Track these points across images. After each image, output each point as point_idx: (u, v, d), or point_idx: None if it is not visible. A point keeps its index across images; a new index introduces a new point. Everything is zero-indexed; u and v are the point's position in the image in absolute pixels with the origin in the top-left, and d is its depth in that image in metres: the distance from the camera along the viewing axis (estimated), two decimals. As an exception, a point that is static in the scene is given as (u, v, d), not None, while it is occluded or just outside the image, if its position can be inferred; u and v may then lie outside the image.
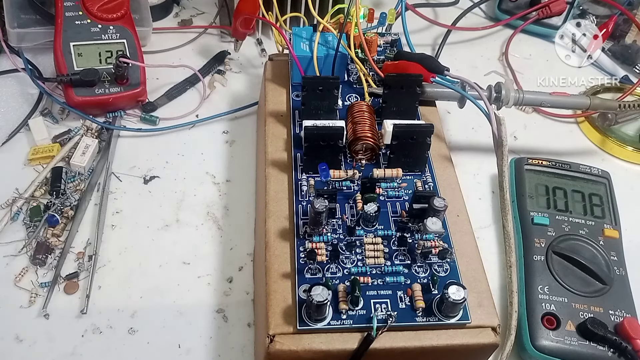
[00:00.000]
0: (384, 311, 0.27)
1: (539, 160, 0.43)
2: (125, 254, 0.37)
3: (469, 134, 0.48)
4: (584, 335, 0.34)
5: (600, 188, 0.42)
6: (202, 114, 0.47)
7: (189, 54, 0.52)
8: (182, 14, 0.57)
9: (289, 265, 0.29)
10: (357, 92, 0.39)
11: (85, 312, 0.34)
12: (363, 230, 0.30)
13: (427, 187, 0.33)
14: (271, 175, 0.34)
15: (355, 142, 0.34)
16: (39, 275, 0.36)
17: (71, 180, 0.40)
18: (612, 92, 0.53)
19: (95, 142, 0.42)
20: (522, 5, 0.58)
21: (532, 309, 0.35)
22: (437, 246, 0.29)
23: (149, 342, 0.34)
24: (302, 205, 0.32)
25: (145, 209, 0.40)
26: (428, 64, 0.38)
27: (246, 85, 0.50)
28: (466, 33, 0.57)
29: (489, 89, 0.39)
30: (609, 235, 0.39)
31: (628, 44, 0.56)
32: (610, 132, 0.49)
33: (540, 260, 0.37)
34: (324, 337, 0.27)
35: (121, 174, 0.42)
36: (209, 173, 0.43)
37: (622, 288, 0.36)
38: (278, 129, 0.36)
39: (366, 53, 0.39)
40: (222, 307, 0.35)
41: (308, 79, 0.35)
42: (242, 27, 0.46)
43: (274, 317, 0.27)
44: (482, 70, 0.53)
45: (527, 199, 0.41)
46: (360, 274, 0.29)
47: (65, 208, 0.38)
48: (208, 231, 0.39)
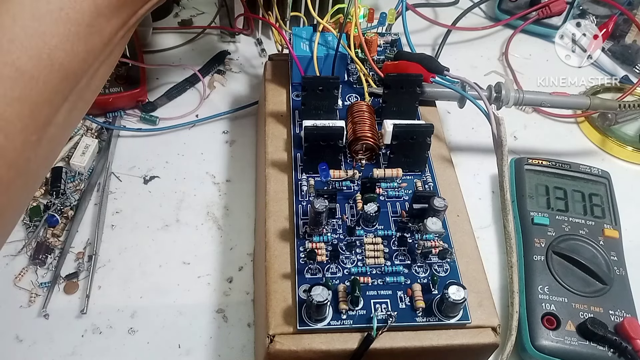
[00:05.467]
0: (384, 311, 0.27)
1: (539, 160, 0.43)
2: (125, 254, 0.37)
3: (469, 134, 0.48)
4: (584, 335, 0.34)
5: (600, 188, 0.42)
6: (202, 114, 0.47)
7: (189, 54, 0.52)
8: (182, 14, 0.56)
9: (289, 265, 0.29)
10: (357, 92, 0.39)
11: (85, 312, 0.34)
12: (363, 230, 0.30)
13: (427, 187, 0.33)
14: (271, 175, 0.33)
15: (355, 142, 0.34)
16: (39, 275, 0.36)
17: (71, 180, 0.40)
18: (612, 92, 0.53)
19: (95, 142, 0.42)
20: (522, 5, 0.58)
21: (532, 309, 0.35)
22: (437, 246, 0.29)
23: (149, 342, 0.34)
24: (302, 205, 0.32)
25: (145, 209, 0.40)
26: (428, 64, 0.38)
27: (246, 85, 0.50)
28: (466, 33, 0.57)
29: (489, 89, 0.39)
30: (609, 235, 0.39)
31: (628, 44, 0.56)
32: (610, 132, 0.49)
33: (540, 260, 0.37)
34: (324, 337, 0.27)
35: (121, 174, 0.42)
36: (209, 173, 0.43)
37: (622, 288, 0.36)
38: (278, 129, 0.36)
39: (366, 53, 0.39)
40: (222, 307, 0.35)
41: (308, 79, 0.35)
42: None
43: (274, 317, 0.27)
44: (482, 70, 0.53)
45: (527, 199, 0.41)
46: (360, 274, 0.29)
47: (65, 208, 0.38)
48: (208, 231, 0.39)
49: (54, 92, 0.23)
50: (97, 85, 0.26)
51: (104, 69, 0.26)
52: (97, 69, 0.25)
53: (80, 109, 0.26)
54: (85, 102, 0.26)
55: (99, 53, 0.24)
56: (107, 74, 0.27)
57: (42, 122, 0.23)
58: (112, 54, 0.26)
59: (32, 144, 0.22)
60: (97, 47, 0.24)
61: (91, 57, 0.24)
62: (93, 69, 0.25)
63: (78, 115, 0.26)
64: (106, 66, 0.26)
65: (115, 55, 0.26)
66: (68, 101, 0.24)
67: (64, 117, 0.24)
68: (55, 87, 0.22)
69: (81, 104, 0.25)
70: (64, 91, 0.23)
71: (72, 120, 0.25)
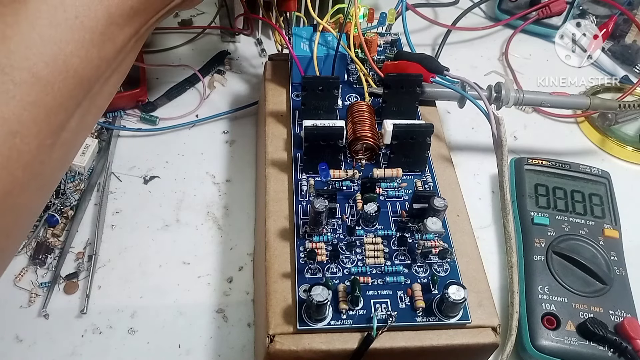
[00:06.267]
0: (384, 311, 0.27)
1: (539, 160, 0.43)
2: (125, 254, 0.37)
3: (469, 134, 0.48)
4: (584, 335, 0.34)
5: (600, 188, 0.42)
6: (202, 114, 0.47)
7: (189, 54, 0.52)
8: (182, 14, 0.56)
9: (289, 265, 0.29)
10: (357, 92, 0.39)
11: (85, 312, 0.34)
12: (363, 230, 0.30)
13: (427, 187, 0.33)
14: (271, 175, 0.33)
15: (355, 142, 0.34)
16: (39, 275, 0.36)
17: (71, 180, 0.40)
18: (612, 92, 0.53)
19: (95, 142, 0.42)
20: (522, 5, 0.58)
21: (532, 309, 0.35)
22: (437, 246, 0.29)
23: (148, 342, 0.34)
24: (302, 205, 0.32)
25: (145, 209, 0.40)
26: (428, 64, 0.38)
27: (246, 85, 0.50)
28: (466, 33, 0.57)
29: (488, 89, 0.39)
30: (609, 235, 0.39)
31: (628, 44, 0.56)
32: (610, 132, 0.49)
33: (540, 260, 0.37)
34: (324, 337, 0.27)
35: (121, 174, 0.42)
36: (209, 173, 0.43)
37: (622, 288, 0.36)
38: (278, 129, 0.36)
39: (366, 53, 0.39)
40: (222, 307, 0.35)
41: (308, 79, 0.35)
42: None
43: (274, 317, 0.27)
44: (482, 70, 0.53)
45: (527, 199, 0.41)
46: (360, 273, 0.29)
47: (65, 208, 0.38)
48: (208, 231, 0.39)
49: (68, 98, 0.23)
50: (109, 92, 0.27)
51: (117, 76, 0.27)
52: (110, 76, 0.26)
53: (94, 115, 0.26)
54: (97, 109, 0.26)
55: (112, 60, 0.25)
56: (119, 81, 0.27)
57: (57, 127, 0.23)
58: (124, 61, 0.27)
59: (46, 147, 0.23)
60: (110, 54, 0.25)
61: (104, 64, 0.25)
62: (106, 76, 0.25)
63: (91, 121, 0.27)
64: (118, 74, 0.27)
65: (127, 63, 0.27)
66: (81, 107, 0.24)
67: (77, 123, 0.24)
68: (70, 93, 0.23)
69: (94, 109, 0.26)
70: (77, 97, 0.24)
71: (85, 126, 0.26)
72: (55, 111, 0.23)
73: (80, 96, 0.24)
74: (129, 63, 0.28)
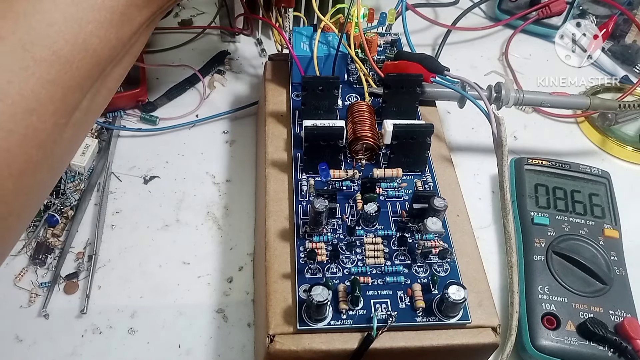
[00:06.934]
0: (384, 311, 0.27)
1: (539, 160, 0.43)
2: (125, 254, 0.37)
3: (469, 134, 0.48)
4: (584, 335, 0.34)
5: (600, 188, 0.42)
6: (202, 114, 0.47)
7: (189, 54, 0.52)
8: (182, 14, 0.56)
9: (289, 265, 0.29)
10: (357, 92, 0.39)
11: (85, 312, 0.34)
12: (363, 230, 0.30)
13: (427, 187, 0.33)
14: (271, 175, 0.33)
15: (355, 142, 0.34)
16: (39, 275, 0.36)
17: (71, 180, 0.40)
18: (612, 92, 0.53)
19: (95, 142, 0.42)
20: (522, 5, 0.58)
21: (532, 309, 0.35)
22: (437, 246, 0.29)
23: (149, 342, 0.34)
24: (302, 205, 0.32)
25: (145, 209, 0.40)
26: (428, 64, 0.38)
27: (246, 85, 0.50)
28: (466, 33, 0.57)
29: (489, 89, 0.39)
30: (609, 235, 0.39)
31: (628, 44, 0.56)
32: (610, 132, 0.49)
33: (540, 260, 0.37)
34: (324, 337, 0.27)
35: (121, 174, 0.42)
36: (209, 173, 0.43)
37: (622, 288, 0.36)
38: (278, 129, 0.36)
39: (366, 53, 0.39)
40: (222, 307, 0.35)
41: (308, 79, 0.35)
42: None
43: (274, 317, 0.27)
44: (482, 70, 0.53)
45: (527, 199, 0.41)
46: (360, 274, 0.29)
47: (65, 208, 0.38)
48: (208, 231, 0.39)
49: (86, 77, 0.23)
50: (120, 74, 0.27)
51: (128, 58, 0.27)
52: (122, 57, 0.26)
53: (104, 96, 0.26)
54: (108, 90, 0.26)
55: (127, 41, 0.25)
56: (130, 63, 0.27)
57: (71, 107, 0.23)
58: (136, 44, 0.27)
59: (60, 127, 0.23)
60: (126, 35, 0.25)
61: (120, 45, 0.25)
62: (119, 58, 0.25)
63: (101, 102, 0.26)
64: (130, 56, 0.27)
65: (138, 46, 0.27)
66: (93, 87, 0.24)
67: (88, 103, 0.24)
68: (87, 73, 0.23)
69: (104, 91, 0.26)
70: (93, 77, 0.24)
71: (95, 107, 0.26)
72: (73, 90, 0.23)
73: (95, 76, 0.24)
74: (139, 47, 0.28)
